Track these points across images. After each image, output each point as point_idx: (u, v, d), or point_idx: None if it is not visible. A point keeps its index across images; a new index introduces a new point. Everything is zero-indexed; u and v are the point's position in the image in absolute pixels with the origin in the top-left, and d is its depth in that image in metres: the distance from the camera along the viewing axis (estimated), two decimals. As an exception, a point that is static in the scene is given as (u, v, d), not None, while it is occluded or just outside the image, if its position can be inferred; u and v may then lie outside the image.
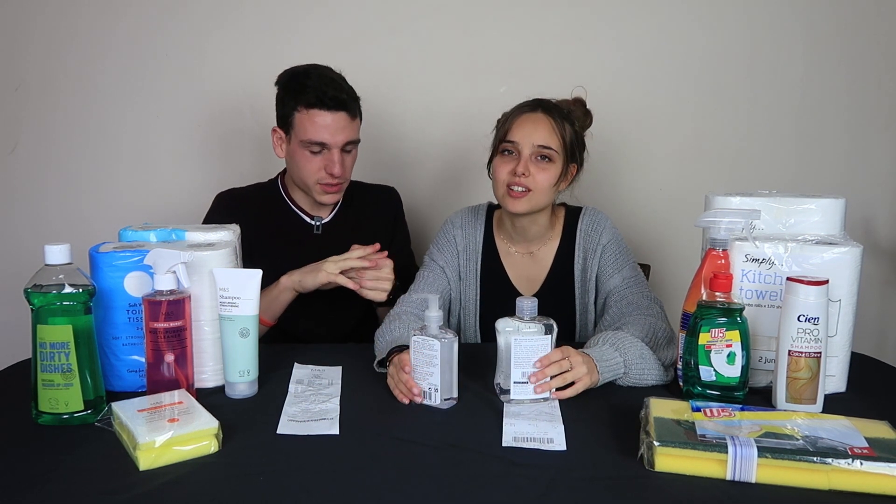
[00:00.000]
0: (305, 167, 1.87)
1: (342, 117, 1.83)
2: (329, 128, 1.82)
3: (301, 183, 1.92)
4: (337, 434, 1.23)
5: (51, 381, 1.24)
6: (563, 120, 1.75)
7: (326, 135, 1.83)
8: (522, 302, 1.36)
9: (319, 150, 1.85)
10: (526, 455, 1.16)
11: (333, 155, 1.85)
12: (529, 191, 1.72)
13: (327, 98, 1.81)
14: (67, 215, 2.46)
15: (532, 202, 1.73)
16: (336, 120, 1.83)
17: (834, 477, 1.05)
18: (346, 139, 1.85)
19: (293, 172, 1.94)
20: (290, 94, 1.86)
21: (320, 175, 1.87)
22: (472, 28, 2.41)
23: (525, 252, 1.87)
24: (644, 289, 1.75)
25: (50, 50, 2.38)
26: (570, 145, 1.76)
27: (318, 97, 1.81)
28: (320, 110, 1.81)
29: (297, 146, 1.86)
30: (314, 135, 1.82)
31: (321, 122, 1.82)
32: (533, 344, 1.35)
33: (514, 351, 1.35)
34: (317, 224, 1.99)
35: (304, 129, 1.83)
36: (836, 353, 1.41)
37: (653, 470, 1.10)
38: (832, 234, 1.48)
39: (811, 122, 2.47)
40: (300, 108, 1.83)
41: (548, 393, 1.36)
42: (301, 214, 1.99)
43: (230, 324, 1.38)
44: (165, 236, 1.49)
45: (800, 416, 1.20)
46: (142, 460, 1.10)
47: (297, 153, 1.87)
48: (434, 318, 1.35)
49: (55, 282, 1.23)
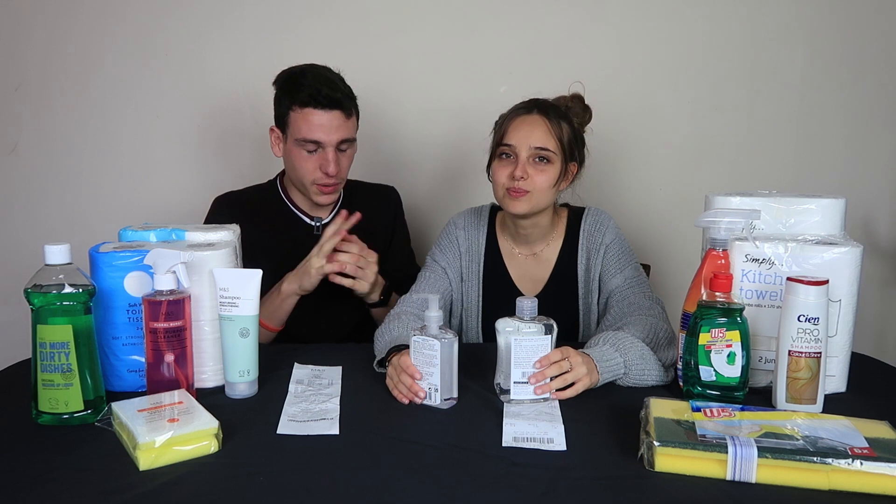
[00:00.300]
0: (301, 167, 1.87)
1: (336, 116, 1.84)
2: (323, 127, 1.83)
3: (298, 183, 1.93)
4: (337, 434, 1.23)
5: (51, 381, 1.23)
6: (559, 119, 1.74)
7: (321, 133, 1.83)
8: (522, 302, 1.36)
9: (314, 149, 1.85)
10: (526, 455, 1.16)
11: (328, 154, 1.85)
12: (528, 192, 1.71)
13: (321, 97, 1.81)
14: (67, 215, 2.45)
15: (532, 203, 1.73)
16: (330, 119, 1.83)
17: (834, 477, 1.05)
18: (341, 138, 1.86)
19: (290, 172, 1.94)
20: (285, 93, 1.87)
21: (316, 175, 1.87)
22: (472, 27, 2.40)
23: (528, 253, 1.87)
24: (646, 289, 1.75)
25: (50, 50, 2.38)
26: (568, 144, 1.75)
27: (312, 96, 1.81)
28: (314, 109, 1.82)
29: (292, 145, 1.87)
30: (308, 133, 1.83)
31: (315, 120, 1.82)
32: (533, 344, 1.35)
33: (514, 351, 1.34)
34: (317, 225, 1.98)
35: (299, 127, 1.84)
36: (836, 354, 1.41)
37: (653, 470, 1.09)
38: (832, 234, 1.48)
39: (811, 121, 2.46)
40: (295, 107, 1.84)
41: (548, 394, 1.36)
42: (301, 215, 1.99)
43: (230, 324, 1.38)
44: (165, 236, 1.49)
45: (800, 417, 1.20)
46: (142, 460, 1.09)
47: (292, 152, 1.88)
48: (434, 318, 1.35)
49: (55, 282, 1.22)
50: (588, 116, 1.83)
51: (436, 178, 2.51)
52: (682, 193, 2.45)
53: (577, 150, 1.79)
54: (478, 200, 1.95)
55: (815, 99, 2.45)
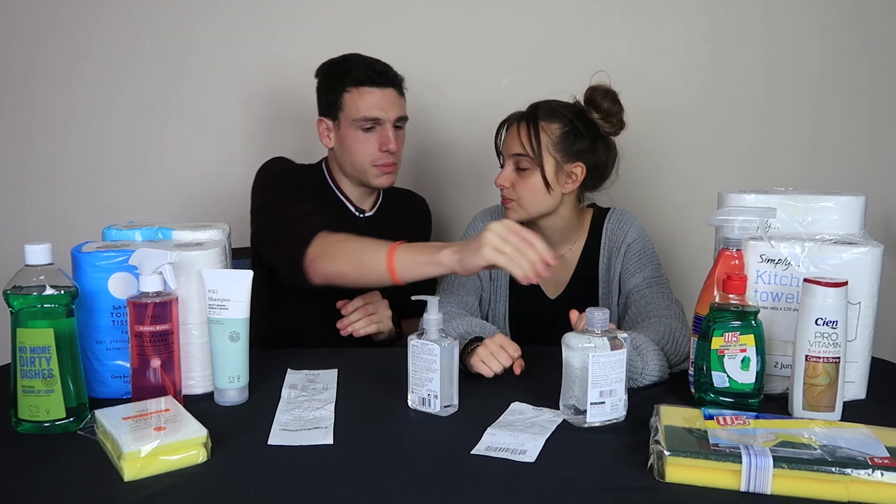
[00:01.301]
0: (360, 149, 1.88)
1: (391, 93, 1.88)
2: (380, 104, 1.86)
3: (355, 168, 1.92)
4: (331, 443, 1.21)
5: (31, 387, 1.22)
6: (550, 119, 1.71)
7: (378, 111, 1.86)
8: (593, 314, 1.29)
9: (372, 127, 1.86)
10: (530, 467, 1.13)
11: (387, 130, 1.87)
12: (513, 201, 1.74)
13: (375, 74, 1.86)
14: (49, 213, 2.44)
15: (522, 212, 1.75)
16: (385, 95, 1.87)
17: (853, 488, 1.03)
18: (398, 114, 1.90)
19: (345, 159, 1.93)
20: (335, 78, 1.89)
21: (375, 155, 1.88)
22: (473, 17, 2.38)
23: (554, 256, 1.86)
24: (665, 289, 1.73)
25: (30, 41, 2.36)
26: (559, 145, 1.72)
27: (367, 74, 1.85)
28: (370, 87, 1.86)
29: (348, 129, 1.88)
30: (366, 111, 1.85)
31: (372, 99, 1.86)
32: (611, 360, 1.27)
33: (591, 369, 1.26)
34: (361, 216, 2.00)
35: (356, 107, 1.86)
36: (855, 359, 1.39)
37: (663, 481, 1.08)
38: (851, 234, 1.46)
39: (829, 114, 2.43)
40: (350, 87, 1.86)
41: (623, 411, 1.29)
42: (347, 203, 1.99)
43: (219, 327, 1.35)
44: (151, 235, 1.47)
45: (817, 425, 1.18)
46: (126, 470, 1.07)
47: (348, 136, 1.89)
48: (434, 322, 1.31)
49: (36, 283, 1.21)
50: (616, 108, 1.76)
51: (435, 178, 2.50)
52: (694, 191, 2.43)
53: (583, 148, 1.74)
54: (479, 197, 1.93)
55: (832, 91, 2.42)
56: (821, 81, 2.42)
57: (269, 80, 2.39)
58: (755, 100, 2.43)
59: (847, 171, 2.45)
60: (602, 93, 1.75)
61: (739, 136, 2.45)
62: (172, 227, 1.49)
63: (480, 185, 2.33)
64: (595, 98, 1.75)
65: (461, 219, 2.32)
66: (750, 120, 2.44)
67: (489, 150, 1.82)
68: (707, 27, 2.40)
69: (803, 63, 2.41)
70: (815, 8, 2.38)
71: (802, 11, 2.38)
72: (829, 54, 2.40)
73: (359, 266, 1.54)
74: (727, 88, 2.42)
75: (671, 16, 2.39)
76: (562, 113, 1.73)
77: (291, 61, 2.35)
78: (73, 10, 2.35)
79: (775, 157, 2.45)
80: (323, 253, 1.58)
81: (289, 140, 2.41)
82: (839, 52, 2.40)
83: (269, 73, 2.38)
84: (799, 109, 2.43)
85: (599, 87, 1.75)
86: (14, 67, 2.38)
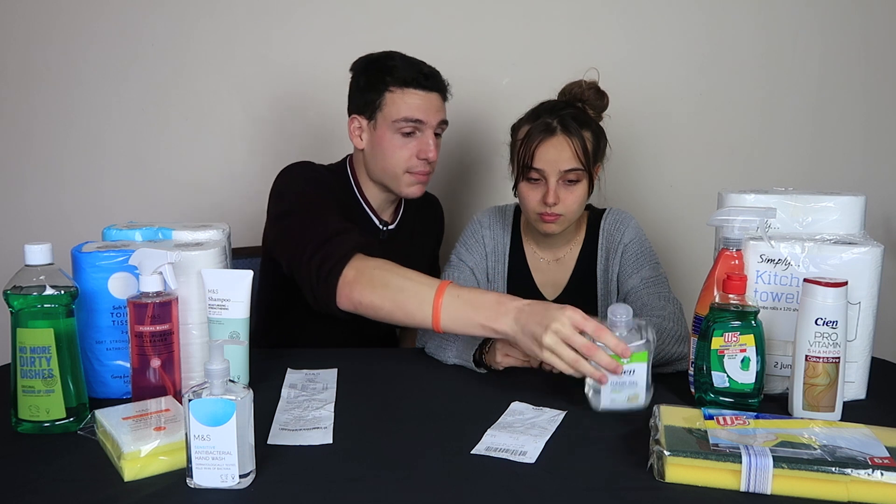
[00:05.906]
0: (395, 154, 1.79)
1: (436, 98, 1.80)
2: (423, 108, 1.77)
3: (386, 174, 1.84)
4: (331, 443, 1.20)
5: (31, 387, 1.21)
6: (581, 128, 1.70)
7: (422, 114, 1.77)
8: (616, 308, 1.30)
9: (412, 131, 1.79)
10: (532, 466, 1.13)
11: (428, 137, 1.79)
12: (561, 215, 1.71)
13: (422, 76, 1.77)
14: (49, 213, 2.43)
15: (565, 224, 1.74)
16: (430, 100, 1.79)
17: (853, 488, 1.03)
18: (441, 119, 1.81)
19: (376, 162, 1.84)
20: (376, 75, 1.79)
21: (412, 162, 1.80)
22: (472, 16, 2.37)
23: (552, 259, 1.87)
24: (662, 289, 1.72)
25: (31, 39, 2.36)
26: (593, 151, 1.72)
27: (413, 76, 1.77)
28: (416, 89, 1.77)
29: (385, 130, 1.79)
30: (409, 113, 1.76)
31: (416, 101, 1.77)
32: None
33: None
34: (384, 229, 1.92)
35: (398, 108, 1.77)
36: (855, 359, 1.39)
37: (663, 481, 1.07)
38: (851, 234, 1.46)
39: (829, 114, 2.43)
40: (394, 87, 1.77)
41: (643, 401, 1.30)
42: (371, 214, 1.91)
43: (219, 327, 1.35)
44: (151, 235, 1.46)
45: (817, 425, 1.18)
46: (126, 470, 1.07)
47: (384, 139, 1.79)
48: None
49: (36, 283, 1.20)
50: (605, 102, 1.78)
51: (436, 178, 2.46)
52: (694, 190, 2.42)
53: (601, 150, 1.77)
54: (481, 196, 1.92)
55: (832, 91, 2.42)
56: (821, 81, 2.41)
57: (270, 81, 2.38)
58: (755, 100, 2.42)
59: (847, 171, 2.44)
60: (594, 90, 1.77)
61: (739, 136, 2.44)
62: (172, 227, 1.48)
63: (480, 185, 2.33)
64: (590, 97, 1.76)
65: (461, 219, 2.31)
66: (750, 120, 2.44)
67: (489, 151, 1.81)
68: (707, 27, 2.39)
69: (803, 63, 2.40)
70: (815, 8, 2.38)
71: (802, 11, 2.38)
72: (829, 54, 2.40)
73: (398, 305, 1.45)
74: (727, 88, 2.41)
75: (671, 16, 2.38)
76: (584, 119, 1.73)
77: (292, 61, 2.35)
78: (73, 10, 2.35)
79: (775, 157, 2.45)
80: (359, 280, 1.49)
81: (289, 140, 2.41)
82: (839, 52, 2.40)
83: (269, 73, 2.37)
84: (799, 109, 2.43)
85: (589, 85, 1.77)
86: (14, 67, 2.38)
